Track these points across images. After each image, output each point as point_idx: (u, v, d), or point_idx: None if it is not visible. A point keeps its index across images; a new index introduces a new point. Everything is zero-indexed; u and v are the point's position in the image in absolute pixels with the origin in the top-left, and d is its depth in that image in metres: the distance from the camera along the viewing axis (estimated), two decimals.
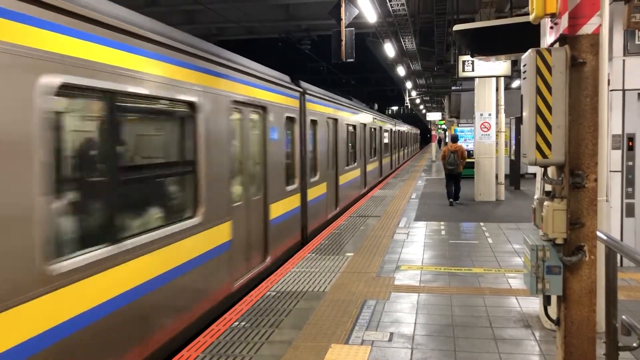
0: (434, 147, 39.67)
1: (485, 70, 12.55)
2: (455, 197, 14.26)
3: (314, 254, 8.20)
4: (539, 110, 3.34)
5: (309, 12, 17.17)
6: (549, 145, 3.33)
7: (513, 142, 17.92)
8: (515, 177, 17.33)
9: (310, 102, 10.44)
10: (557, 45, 3.43)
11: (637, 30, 7.01)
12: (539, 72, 3.33)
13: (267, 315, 5.48)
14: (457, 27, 8.35)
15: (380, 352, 4.58)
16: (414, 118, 75.08)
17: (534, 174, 7.70)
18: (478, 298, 6.00)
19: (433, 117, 41.23)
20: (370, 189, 18.25)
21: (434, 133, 42.90)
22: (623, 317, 3.35)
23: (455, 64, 13.52)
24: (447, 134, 33.88)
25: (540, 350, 4.58)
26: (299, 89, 9.75)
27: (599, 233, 3.48)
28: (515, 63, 13.00)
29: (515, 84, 19.75)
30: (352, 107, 15.50)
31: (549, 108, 3.32)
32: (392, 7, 12.87)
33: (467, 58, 12.26)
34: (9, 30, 3.16)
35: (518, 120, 16.47)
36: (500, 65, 12.19)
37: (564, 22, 3.31)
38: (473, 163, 15.04)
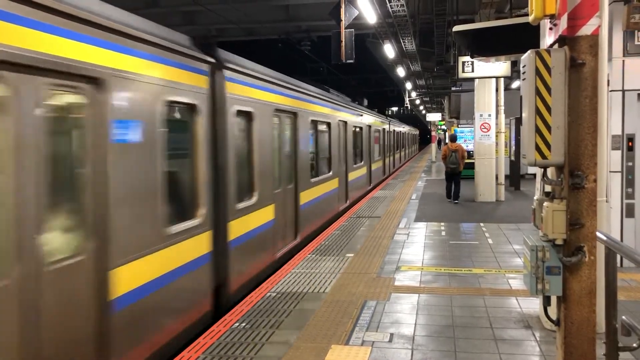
0: (434, 147, 39.67)
1: (485, 71, 12.57)
2: (455, 197, 14.28)
3: (314, 255, 8.21)
4: (539, 111, 3.34)
5: (309, 13, 17.14)
6: (549, 146, 3.33)
7: (513, 142, 17.92)
8: (515, 177, 17.32)
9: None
10: (556, 46, 3.43)
11: (636, 31, 7.01)
12: (539, 73, 3.33)
13: (267, 316, 5.49)
14: (457, 27, 8.36)
15: (381, 352, 4.58)
16: (414, 118, 75.20)
17: (534, 175, 7.71)
18: (478, 299, 6.01)
19: (433, 117, 41.26)
20: (353, 204, 15.19)
21: (434, 134, 42.91)
22: (623, 317, 3.35)
23: (455, 65, 13.54)
24: (446, 135, 33.83)
25: (541, 351, 4.58)
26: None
27: (599, 233, 3.48)
28: (515, 64, 12.97)
29: (515, 85, 19.75)
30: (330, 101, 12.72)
31: (549, 109, 3.32)
32: (391, 7, 12.90)
33: (467, 59, 12.27)
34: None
35: (518, 121, 16.45)
36: (500, 66, 12.20)
37: (563, 23, 3.32)
38: (473, 163, 15.04)
